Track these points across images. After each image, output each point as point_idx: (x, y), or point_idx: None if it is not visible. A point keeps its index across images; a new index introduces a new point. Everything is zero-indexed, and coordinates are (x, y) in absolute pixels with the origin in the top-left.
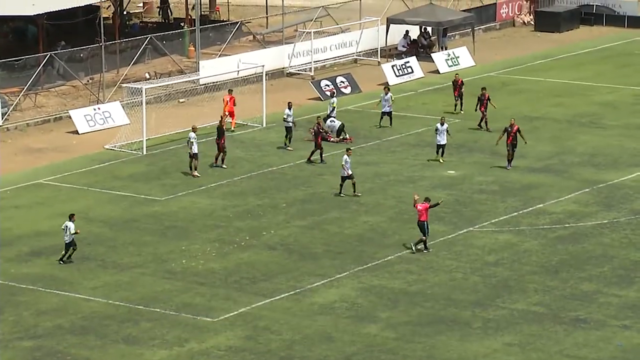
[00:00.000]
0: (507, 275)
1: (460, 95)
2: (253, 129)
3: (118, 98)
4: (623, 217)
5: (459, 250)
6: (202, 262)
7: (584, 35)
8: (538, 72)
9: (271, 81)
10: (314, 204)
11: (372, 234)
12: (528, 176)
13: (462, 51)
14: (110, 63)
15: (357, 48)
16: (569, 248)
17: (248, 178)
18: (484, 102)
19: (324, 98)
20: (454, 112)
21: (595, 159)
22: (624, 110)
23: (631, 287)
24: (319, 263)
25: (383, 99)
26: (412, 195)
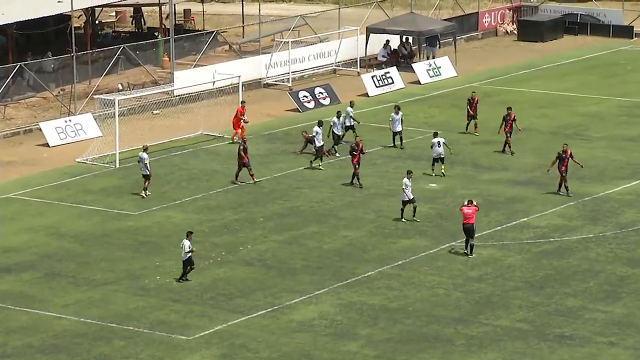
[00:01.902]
0: (491, 291)
1: (474, 115)
2: (229, 142)
3: (90, 110)
4: (609, 231)
5: (441, 266)
6: (176, 279)
7: (568, 44)
8: (521, 82)
9: (248, 92)
10: (292, 218)
11: (352, 249)
12: (512, 189)
13: (444, 61)
14: (82, 74)
15: (336, 58)
16: (553, 263)
17: (224, 192)
18: (509, 123)
19: (302, 109)
20: (466, 132)
21: (580, 171)
22: (610, 121)
23: (617, 303)
24: (298, 279)
25: (394, 119)
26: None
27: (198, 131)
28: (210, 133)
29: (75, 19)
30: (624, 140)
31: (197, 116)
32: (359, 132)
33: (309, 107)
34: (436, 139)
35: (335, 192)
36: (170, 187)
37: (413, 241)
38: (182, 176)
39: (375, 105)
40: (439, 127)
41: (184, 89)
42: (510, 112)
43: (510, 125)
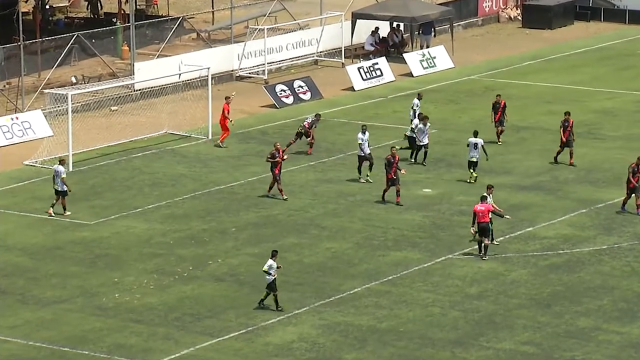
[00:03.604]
0: (492, 309)
1: (501, 120)
2: (197, 142)
3: (40, 106)
4: (625, 242)
5: (437, 281)
6: (138, 297)
7: (579, 32)
8: (526, 75)
9: (218, 86)
10: (268, 229)
11: (336, 263)
12: (516, 195)
13: (439, 51)
14: (31, 65)
15: (317, 47)
16: (563, 278)
17: (192, 198)
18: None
19: (280, 105)
20: (498, 143)
21: (592, 175)
22: (625, 118)
23: (634, 323)
24: None
25: (421, 130)
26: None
27: (162, 130)
28: (175, 132)
29: (22, 3)
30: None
31: (160, 113)
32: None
33: (287, 102)
34: (474, 140)
35: (317, 198)
36: (130, 193)
37: (405, 254)
38: (144, 181)
39: (362, 101)
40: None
41: (146, 82)
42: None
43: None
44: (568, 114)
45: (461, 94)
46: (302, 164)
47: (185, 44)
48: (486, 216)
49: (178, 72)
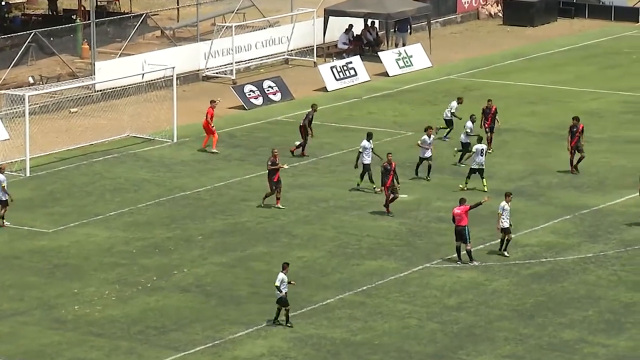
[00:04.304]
0: (472, 321)
1: (491, 127)
2: (161, 145)
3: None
4: (611, 250)
5: (414, 292)
6: (99, 309)
7: (562, 30)
8: (508, 74)
9: (183, 86)
10: (237, 236)
11: (308, 273)
12: (497, 200)
13: (416, 49)
14: None
15: (288, 46)
16: (546, 288)
17: (155, 205)
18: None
19: (248, 107)
20: (489, 151)
21: (577, 179)
22: (611, 120)
23: (621, 335)
24: (243, 308)
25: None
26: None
27: (124, 133)
28: (138, 135)
29: None
30: (629, 143)
31: (123, 115)
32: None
33: (256, 103)
34: (480, 146)
35: (288, 205)
36: (91, 200)
37: (380, 263)
38: (106, 186)
39: (335, 102)
40: (411, 127)
41: (108, 82)
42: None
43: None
44: (577, 119)
45: (439, 95)
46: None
47: (148, 43)
48: (464, 219)
49: (141, 72)
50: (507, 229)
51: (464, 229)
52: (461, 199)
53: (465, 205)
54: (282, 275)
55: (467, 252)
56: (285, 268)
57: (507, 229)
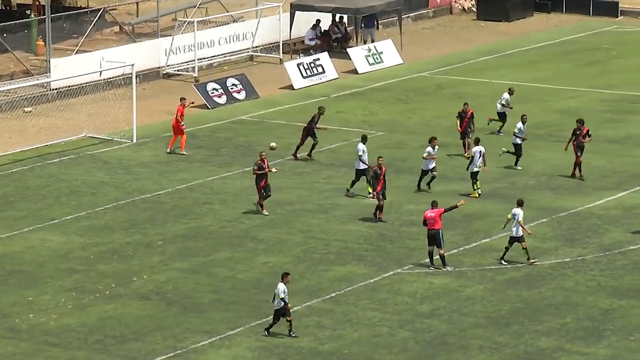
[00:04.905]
0: (445, 329)
1: (466, 132)
2: (120, 146)
3: None
4: (590, 255)
5: (384, 298)
6: (54, 317)
7: (539, 25)
8: (482, 71)
9: (143, 84)
10: (199, 241)
11: (274, 279)
12: (471, 203)
13: (387, 45)
14: None
15: (253, 42)
16: (522, 294)
17: (114, 208)
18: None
19: (211, 105)
20: (465, 155)
21: (554, 181)
22: (590, 119)
23: (600, 343)
24: (206, 316)
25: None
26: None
27: (81, 133)
28: (96, 135)
29: None
30: (608, 143)
31: (79, 115)
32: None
33: (219, 102)
34: (478, 148)
35: (253, 208)
36: (46, 203)
37: (349, 268)
38: (62, 189)
39: (301, 100)
40: (382, 127)
41: (64, 80)
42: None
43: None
44: (581, 122)
45: (410, 93)
46: (235, 169)
47: (106, 39)
48: (437, 223)
49: (99, 70)
50: (522, 236)
51: (438, 232)
52: (433, 202)
53: (439, 208)
54: (282, 286)
55: (441, 257)
56: (285, 278)
57: (521, 237)
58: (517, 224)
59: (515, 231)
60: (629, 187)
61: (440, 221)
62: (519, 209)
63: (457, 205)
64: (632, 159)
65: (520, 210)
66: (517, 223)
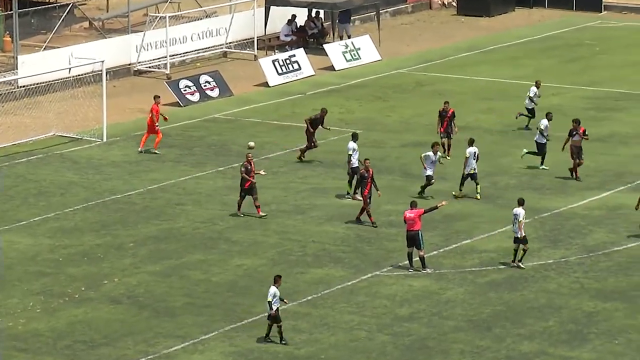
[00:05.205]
0: (425, 333)
1: (447, 132)
2: (90, 145)
3: None
4: (573, 256)
5: (362, 302)
6: (22, 322)
7: (520, 20)
8: (462, 68)
9: (114, 82)
10: (171, 243)
11: (248, 282)
12: (451, 204)
13: (364, 41)
14: None
15: (226, 38)
16: (504, 297)
17: (84, 209)
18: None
19: (184, 103)
20: (443, 157)
21: (537, 180)
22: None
23: (584, 347)
24: (178, 320)
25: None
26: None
27: (49, 132)
28: (65, 134)
29: None
30: (591, 141)
31: (48, 113)
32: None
33: (192, 100)
34: (472, 149)
35: (227, 209)
36: (13, 204)
37: (326, 271)
38: (29, 190)
39: (277, 98)
40: (359, 125)
41: (32, 77)
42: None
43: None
44: (577, 122)
45: (389, 90)
46: (209, 169)
47: (76, 34)
48: (417, 224)
49: (68, 67)
50: (525, 238)
51: (417, 233)
52: (412, 202)
53: (419, 209)
54: (273, 290)
55: (420, 259)
56: (277, 281)
57: (524, 238)
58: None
59: (518, 232)
60: (613, 187)
61: (419, 222)
62: (520, 209)
63: (437, 206)
64: (616, 157)
65: (521, 209)
66: (518, 223)
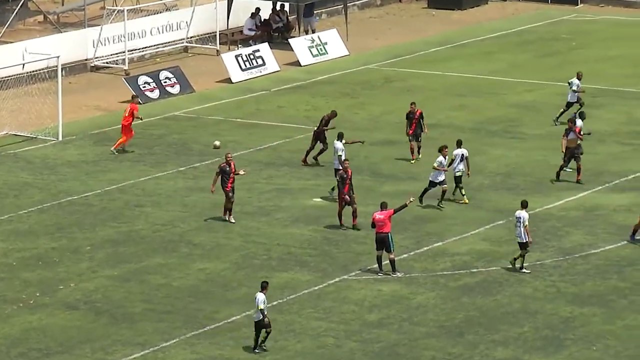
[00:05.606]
0: (395, 339)
1: (416, 134)
2: (45, 144)
3: None
4: (549, 259)
5: (330, 307)
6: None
7: (494, 13)
8: (433, 63)
9: (70, 78)
10: (130, 247)
11: (211, 287)
12: (422, 205)
13: (331, 35)
14: None
15: (187, 32)
16: (477, 301)
17: (38, 211)
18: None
19: (143, 100)
20: (412, 161)
21: (511, 180)
22: (548, 114)
23: (560, 353)
24: (138, 327)
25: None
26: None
27: (2, 131)
28: (18, 133)
29: None
30: None
31: (0, 111)
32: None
33: (151, 97)
34: (460, 151)
35: (188, 210)
36: None
37: (292, 275)
38: None
39: (240, 95)
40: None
41: None
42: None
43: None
44: (573, 122)
45: (357, 86)
46: (169, 169)
47: (29, 29)
48: (387, 226)
49: (21, 62)
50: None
51: (387, 236)
52: (382, 203)
53: (389, 210)
54: (262, 296)
55: (390, 262)
56: (265, 288)
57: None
58: (522, 228)
59: (522, 236)
60: (590, 187)
61: (389, 223)
62: (524, 212)
63: (406, 203)
64: (593, 156)
65: (524, 212)
66: (523, 227)
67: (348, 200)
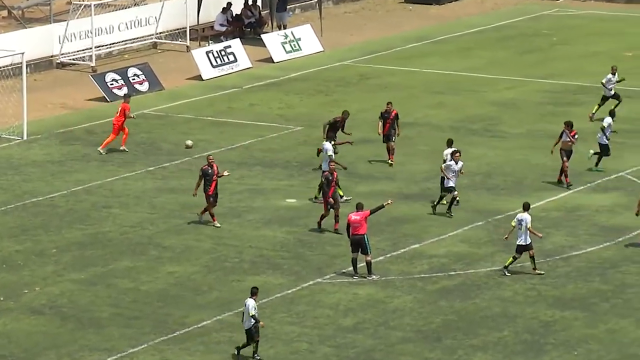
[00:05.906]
0: (370, 344)
1: (389, 135)
2: (9, 143)
3: None
4: (529, 261)
5: (303, 311)
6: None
7: (472, 8)
8: (410, 60)
9: (35, 75)
10: (97, 249)
11: (180, 290)
12: (399, 205)
13: (305, 31)
14: None
15: (157, 27)
16: (455, 305)
17: (2, 213)
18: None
19: (111, 98)
20: (389, 164)
21: (490, 180)
22: (529, 112)
23: (541, 358)
24: (105, 332)
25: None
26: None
27: None
28: None
29: None
30: (549, 138)
31: None
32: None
33: (119, 94)
34: (450, 150)
35: (157, 212)
36: None
37: (264, 278)
38: None
39: (211, 92)
40: (300, 121)
41: None
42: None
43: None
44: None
45: (332, 83)
46: (138, 169)
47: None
48: (363, 227)
49: None
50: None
51: (363, 238)
52: (358, 204)
53: (365, 211)
54: (253, 302)
55: (366, 265)
56: (255, 294)
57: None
58: (525, 231)
59: (523, 239)
60: (572, 187)
61: (365, 225)
62: (526, 214)
63: (383, 205)
64: (575, 155)
65: (527, 215)
66: (526, 229)
67: (332, 203)
